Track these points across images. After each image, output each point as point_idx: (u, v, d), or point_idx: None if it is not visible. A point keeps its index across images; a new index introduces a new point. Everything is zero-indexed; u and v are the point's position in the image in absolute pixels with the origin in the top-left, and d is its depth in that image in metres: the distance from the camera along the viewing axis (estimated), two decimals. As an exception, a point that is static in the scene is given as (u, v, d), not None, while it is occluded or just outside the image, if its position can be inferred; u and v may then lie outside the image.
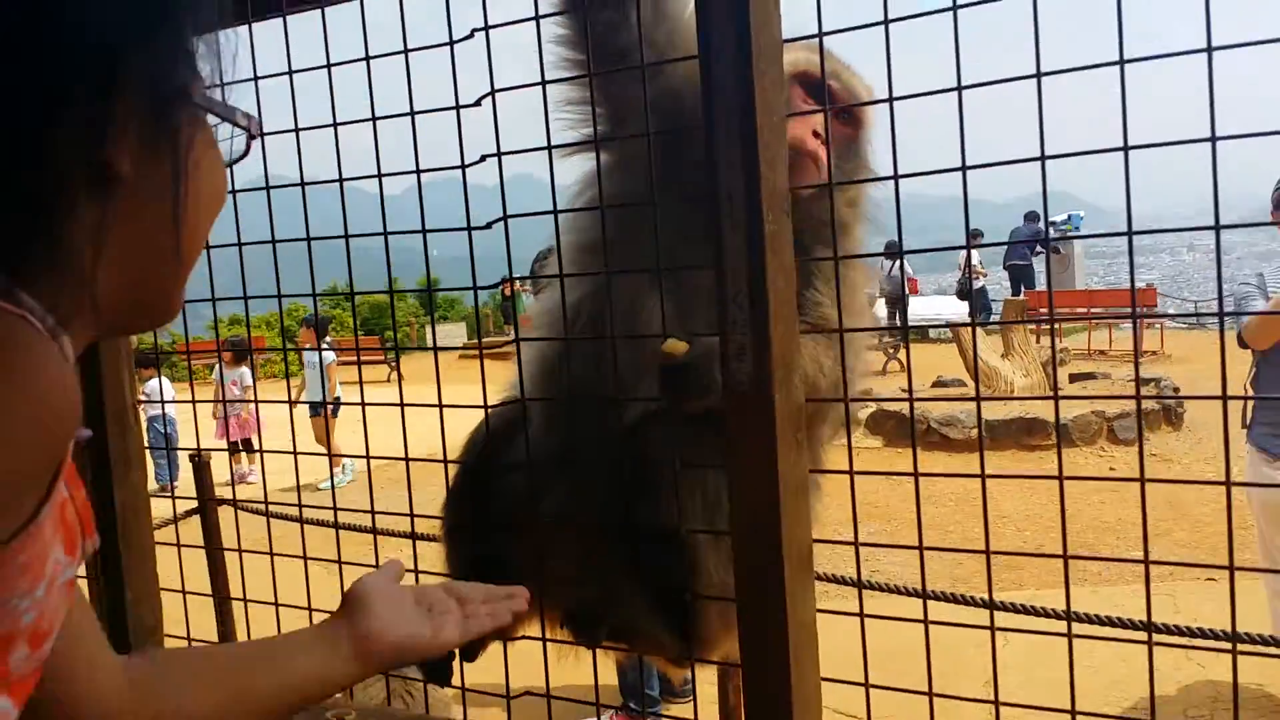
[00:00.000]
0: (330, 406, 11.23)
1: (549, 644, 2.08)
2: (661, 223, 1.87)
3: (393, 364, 17.91)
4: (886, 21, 1.65)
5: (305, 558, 2.32)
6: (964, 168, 1.64)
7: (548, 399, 2.04)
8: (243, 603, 2.57)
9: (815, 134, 2.00)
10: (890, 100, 1.70)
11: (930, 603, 1.90)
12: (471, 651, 2.12)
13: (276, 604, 2.42)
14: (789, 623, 1.69)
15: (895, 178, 1.71)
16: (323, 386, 10.95)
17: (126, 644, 2.41)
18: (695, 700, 2.31)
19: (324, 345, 11.28)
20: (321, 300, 2.37)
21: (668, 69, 1.96)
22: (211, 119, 0.99)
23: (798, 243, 1.75)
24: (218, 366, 11.84)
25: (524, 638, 2.12)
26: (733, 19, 1.65)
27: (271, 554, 2.37)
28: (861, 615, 1.83)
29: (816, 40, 1.78)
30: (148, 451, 2.38)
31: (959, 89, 1.63)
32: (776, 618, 1.69)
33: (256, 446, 11.55)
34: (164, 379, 11.30)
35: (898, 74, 1.71)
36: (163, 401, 10.56)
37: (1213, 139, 1.46)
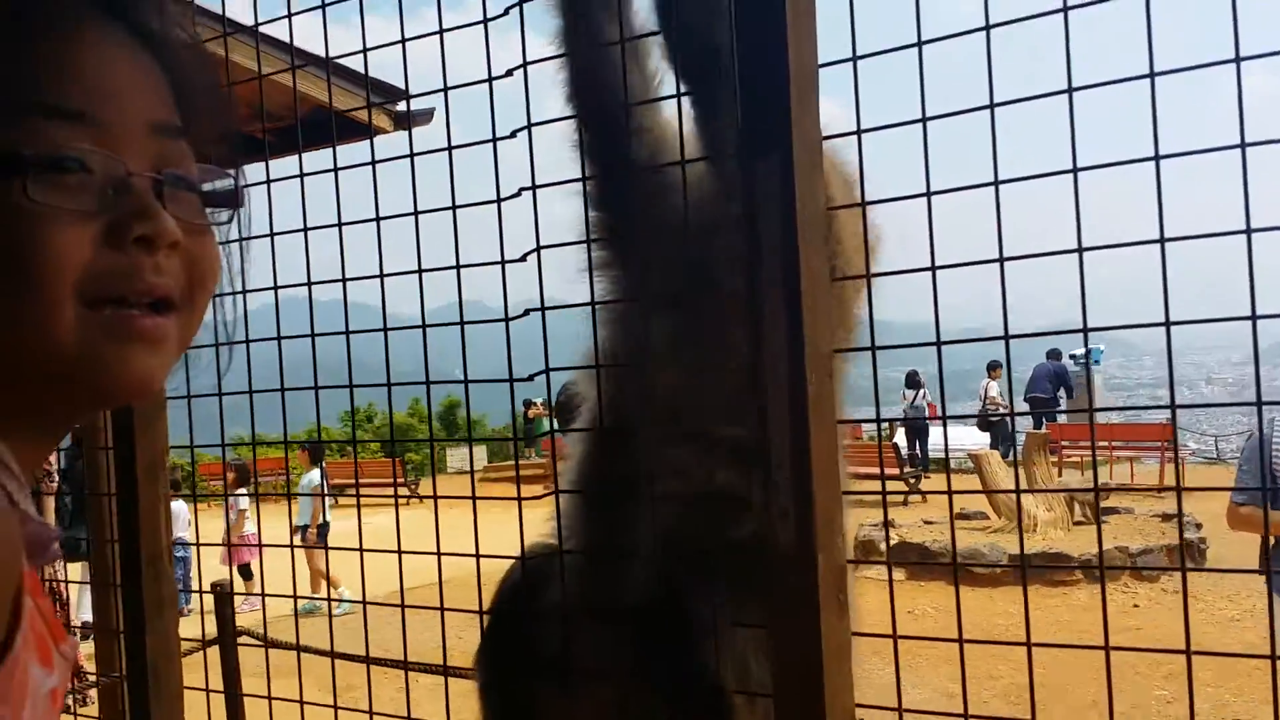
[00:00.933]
0: (317, 532, 11.17)
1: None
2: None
3: (412, 486, 17.88)
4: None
5: (336, 706, 2.29)
6: (1001, 259, 1.67)
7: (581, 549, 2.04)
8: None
9: None
10: (927, 195, 1.73)
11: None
12: None
13: None
14: (831, 791, 1.66)
15: (932, 268, 1.74)
16: (324, 508, 10.92)
17: (150, 790, 2.38)
18: None
19: (317, 469, 11.23)
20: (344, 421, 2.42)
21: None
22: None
23: None
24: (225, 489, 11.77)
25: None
26: (781, 187, 1.69)
27: (302, 702, 2.35)
28: (906, 784, 1.79)
29: None
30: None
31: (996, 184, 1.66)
32: (817, 786, 1.66)
33: (253, 572, 11.46)
34: (179, 502, 11.29)
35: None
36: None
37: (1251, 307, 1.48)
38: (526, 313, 2.04)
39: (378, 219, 2.18)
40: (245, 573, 11.71)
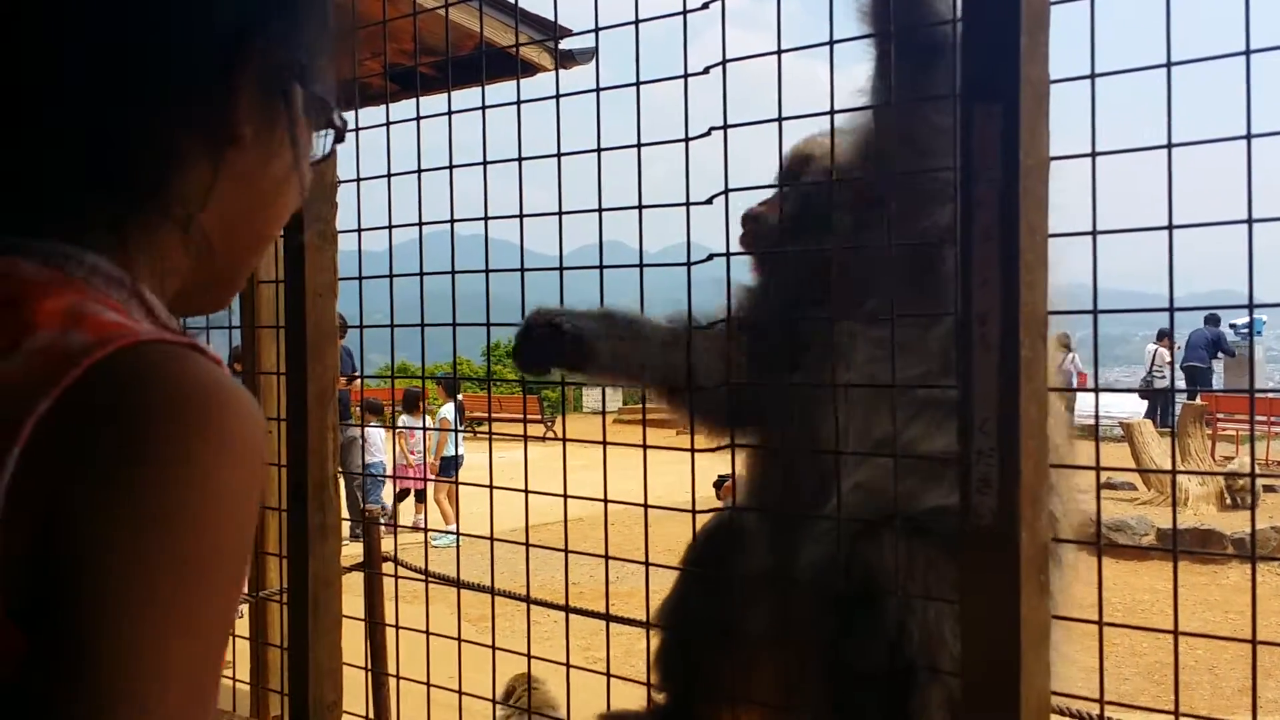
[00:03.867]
0: (439, 464, 11.28)
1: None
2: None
3: (548, 424, 18.08)
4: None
5: (459, 639, 2.29)
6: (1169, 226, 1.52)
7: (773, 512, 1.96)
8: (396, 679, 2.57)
9: None
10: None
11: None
12: None
13: (429, 684, 2.40)
14: (1023, 777, 1.56)
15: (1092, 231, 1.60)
16: (457, 441, 11.02)
17: (306, 718, 2.40)
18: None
19: (452, 403, 11.33)
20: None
21: None
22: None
23: None
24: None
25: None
26: (1000, 136, 1.56)
27: (427, 633, 2.37)
28: (1101, 779, 1.68)
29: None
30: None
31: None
32: (1010, 772, 1.57)
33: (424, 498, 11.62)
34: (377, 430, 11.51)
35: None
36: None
37: None
38: (710, 257, 1.97)
39: (520, 159, 2.15)
40: (419, 497, 11.88)
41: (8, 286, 0.80)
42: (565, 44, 4.10)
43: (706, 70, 1.90)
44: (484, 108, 2.30)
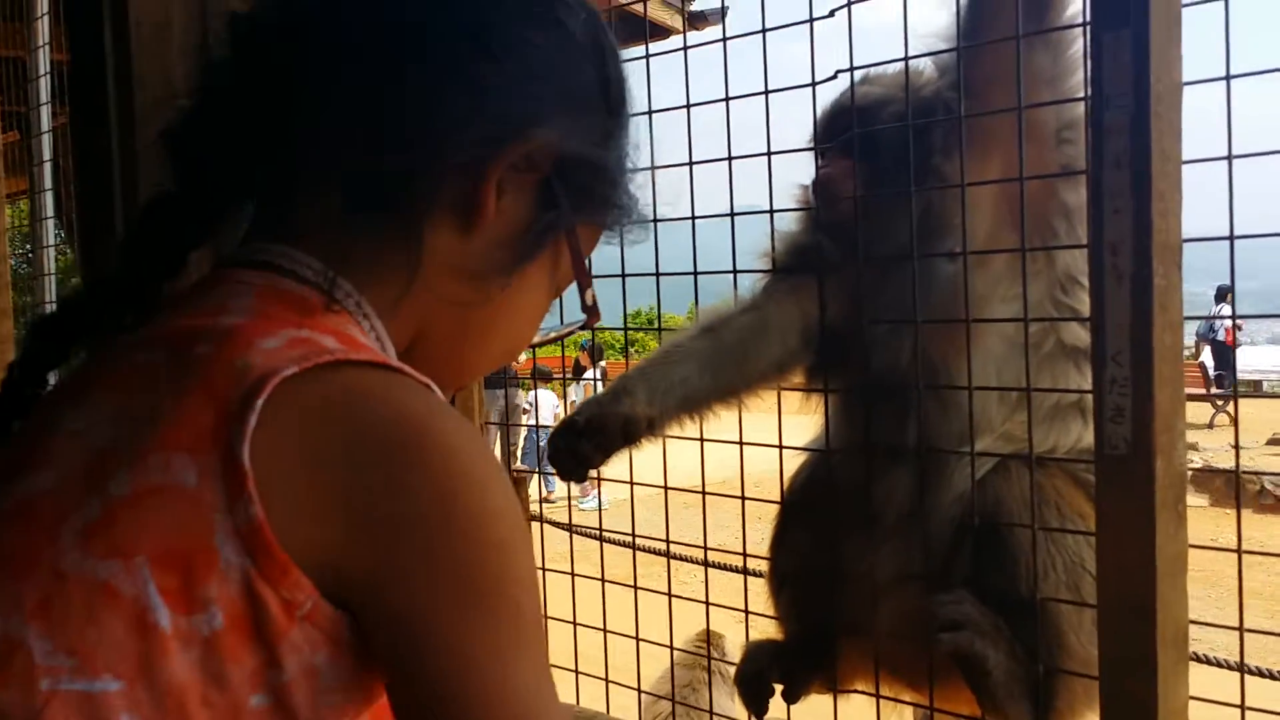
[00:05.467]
0: None
1: (882, 701, 2.01)
2: None
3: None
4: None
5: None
6: None
7: (881, 447, 1.97)
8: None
9: None
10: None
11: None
12: (793, 692, 2.07)
13: (575, 623, 2.46)
14: (1159, 711, 1.56)
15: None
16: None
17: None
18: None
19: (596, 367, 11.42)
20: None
21: None
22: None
23: None
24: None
25: (855, 691, 2.06)
26: (1131, 60, 1.55)
27: (572, 574, 2.43)
28: (1243, 707, 1.67)
29: None
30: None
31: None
32: (1146, 705, 1.56)
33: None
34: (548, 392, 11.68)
35: None
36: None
37: None
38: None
39: (649, 112, 2.15)
40: None
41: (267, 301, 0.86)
42: (696, 5, 4.12)
43: (832, 13, 1.91)
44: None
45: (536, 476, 10.35)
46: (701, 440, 2.11)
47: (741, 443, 2.12)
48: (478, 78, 0.91)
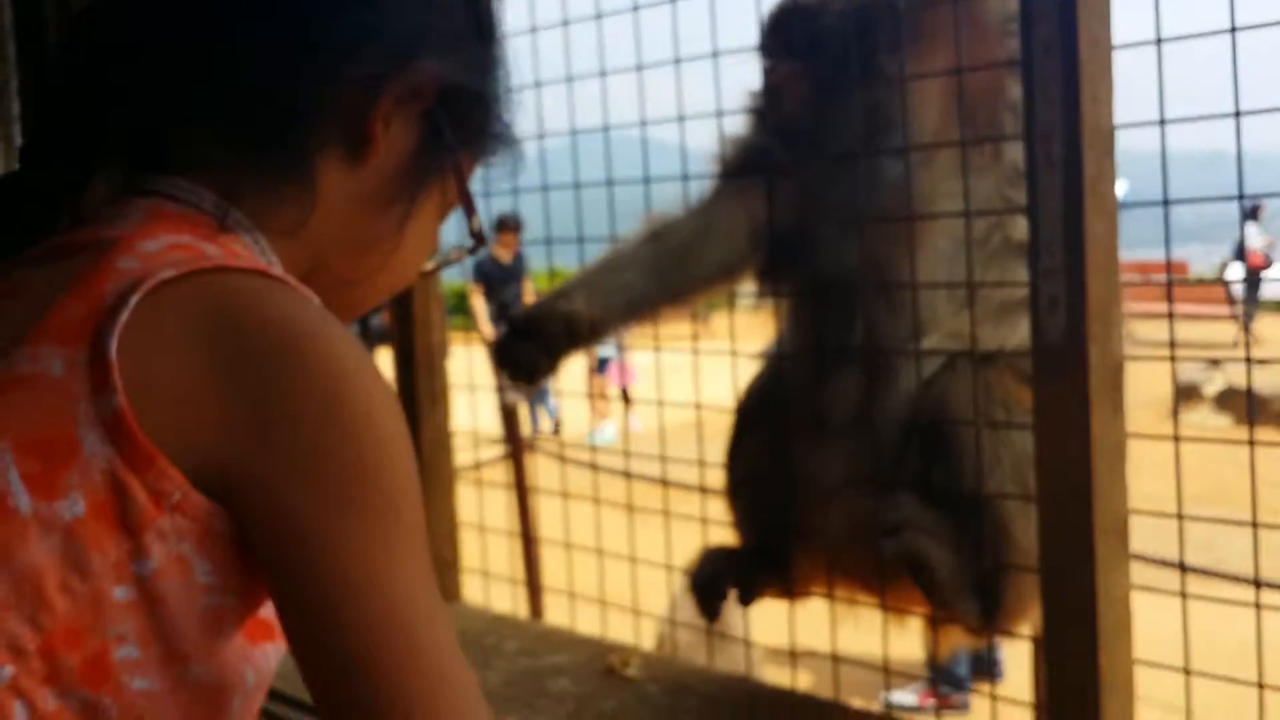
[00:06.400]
0: (604, 361, 11.27)
1: (839, 605, 2.02)
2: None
3: (702, 322, 18.01)
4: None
5: (631, 508, 2.37)
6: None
7: (829, 349, 1.96)
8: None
9: None
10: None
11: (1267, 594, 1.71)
12: (747, 596, 2.08)
13: (601, 551, 2.48)
14: (1098, 596, 1.56)
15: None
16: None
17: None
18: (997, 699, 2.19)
19: None
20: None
21: None
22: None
23: None
24: None
25: (810, 594, 2.07)
26: (1055, -60, 1.51)
27: (597, 501, 2.46)
28: (1184, 595, 1.66)
29: None
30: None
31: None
32: (1084, 590, 1.56)
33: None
34: None
35: None
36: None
37: None
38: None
39: (677, 61, 2.11)
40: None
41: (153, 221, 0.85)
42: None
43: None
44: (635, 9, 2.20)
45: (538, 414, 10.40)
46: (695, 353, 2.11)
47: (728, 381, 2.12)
48: (361, 10, 0.91)
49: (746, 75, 2.09)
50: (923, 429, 1.83)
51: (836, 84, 1.84)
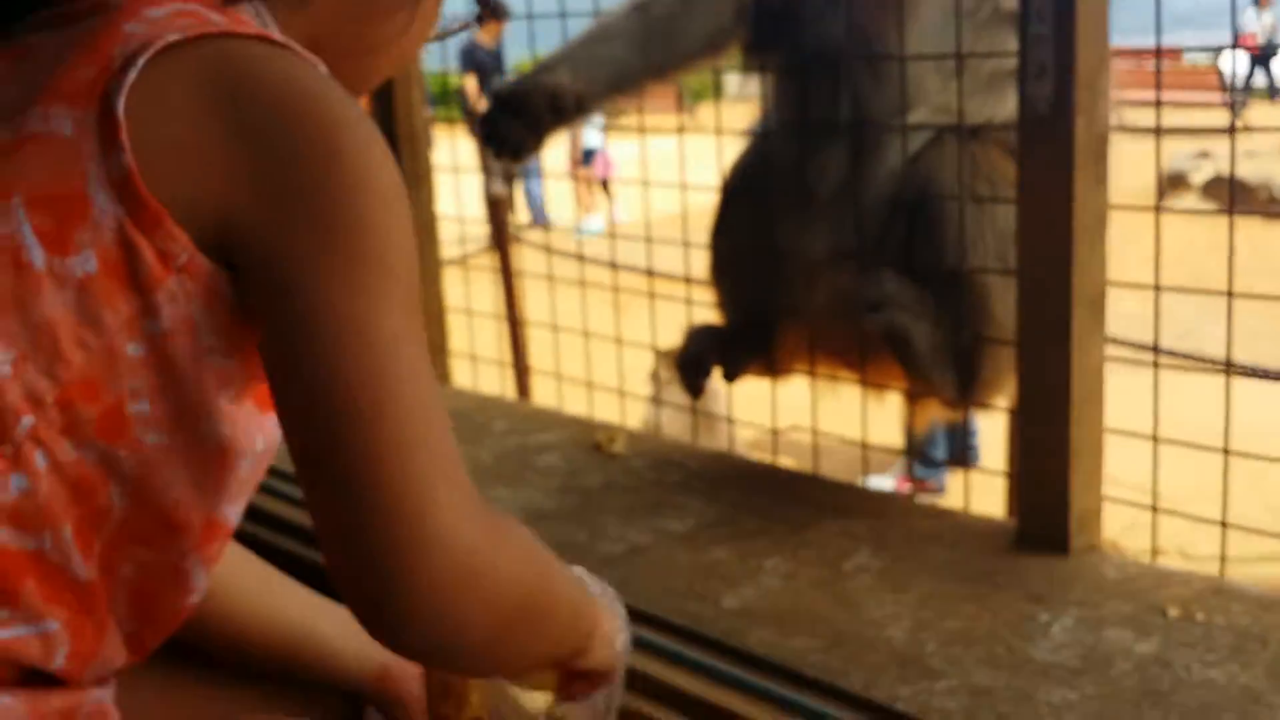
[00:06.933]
0: (589, 153, 11.11)
1: (821, 382, 2.06)
2: None
3: (689, 110, 17.72)
4: None
5: (615, 289, 2.37)
6: None
7: (815, 124, 1.93)
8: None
9: None
10: None
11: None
12: (731, 373, 2.11)
13: (586, 333, 2.50)
14: (1073, 366, 1.58)
15: None
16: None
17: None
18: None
19: None
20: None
21: None
22: None
23: None
24: None
25: (793, 371, 2.10)
26: None
27: (583, 283, 2.47)
28: (1155, 365, 1.69)
29: None
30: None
31: None
32: (1059, 359, 1.59)
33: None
34: None
35: None
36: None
37: None
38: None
39: None
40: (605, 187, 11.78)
41: None
42: None
43: None
44: None
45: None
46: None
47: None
48: None
49: None
50: (908, 204, 1.82)
51: None
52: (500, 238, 3.83)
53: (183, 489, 0.81)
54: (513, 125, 1.81)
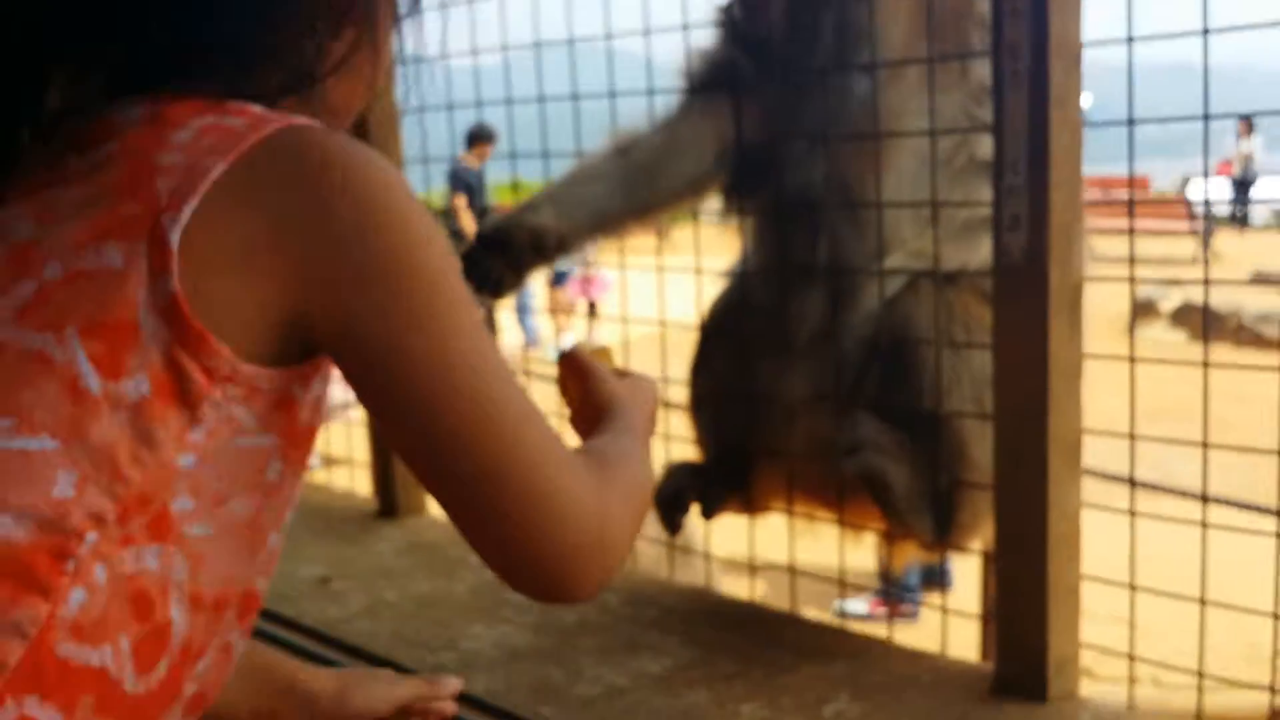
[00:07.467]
0: (561, 275, 11.15)
1: (798, 519, 2.05)
2: None
3: (664, 232, 17.89)
4: None
5: None
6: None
7: (794, 268, 1.95)
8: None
9: None
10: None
11: (1215, 511, 1.73)
12: (709, 510, 2.10)
13: None
14: (1049, 511, 1.58)
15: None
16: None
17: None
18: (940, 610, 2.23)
19: None
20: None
21: None
22: None
23: None
24: None
25: (770, 510, 2.09)
26: None
27: None
28: (1132, 513, 1.69)
29: None
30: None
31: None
32: (1036, 505, 1.59)
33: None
34: None
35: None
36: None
37: None
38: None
39: None
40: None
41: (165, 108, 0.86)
42: None
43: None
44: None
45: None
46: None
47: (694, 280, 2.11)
48: None
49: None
50: (885, 348, 1.84)
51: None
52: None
53: (225, 569, 0.85)
54: (495, 263, 1.83)
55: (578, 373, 1.09)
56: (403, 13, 1.02)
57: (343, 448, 3.08)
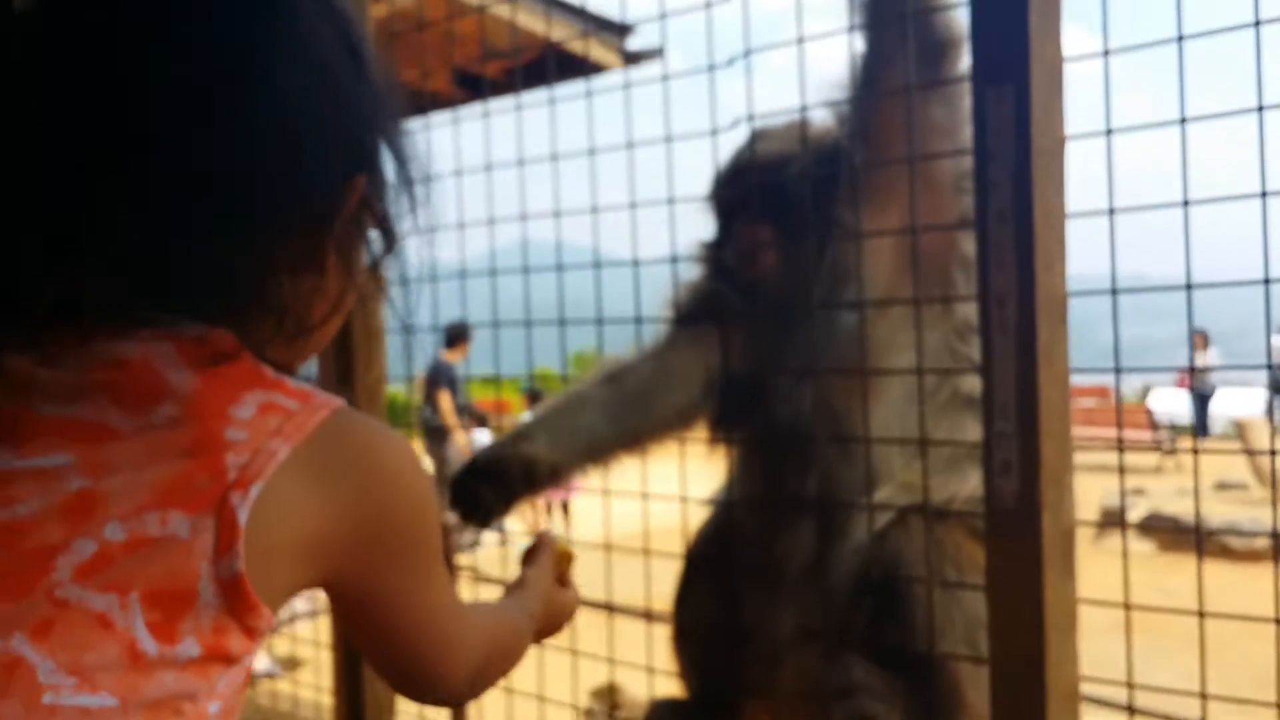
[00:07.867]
0: None
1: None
2: None
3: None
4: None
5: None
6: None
7: (784, 499, 1.95)
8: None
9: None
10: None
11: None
12: None
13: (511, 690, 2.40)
14: (1049, 768, 1.54)
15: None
16: None
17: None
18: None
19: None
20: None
21: None
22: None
23: None
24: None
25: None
26: (1013, 116, 1.55)
27: None
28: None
29: None
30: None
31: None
32: (1036, 762, 1.55)
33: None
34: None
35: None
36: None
37: None
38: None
39: (591, 153, 2.13)
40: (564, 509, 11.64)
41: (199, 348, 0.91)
42: (631, 45, 4.11)
43: (730, 62, 1.92)
44: (552, 102, 2.28)
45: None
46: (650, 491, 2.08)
47: (646, 495, 2.09)
48: (324, 149, 0.96)
49: (700, 221, 2.12)
50: (874, 584, 1.82)
51: (799, 241, 1.87)
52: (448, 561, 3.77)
53: None
54: (485, 494, 1.83)
55: (532, 552, 1.29)
56: (378, 253, 1.07)
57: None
